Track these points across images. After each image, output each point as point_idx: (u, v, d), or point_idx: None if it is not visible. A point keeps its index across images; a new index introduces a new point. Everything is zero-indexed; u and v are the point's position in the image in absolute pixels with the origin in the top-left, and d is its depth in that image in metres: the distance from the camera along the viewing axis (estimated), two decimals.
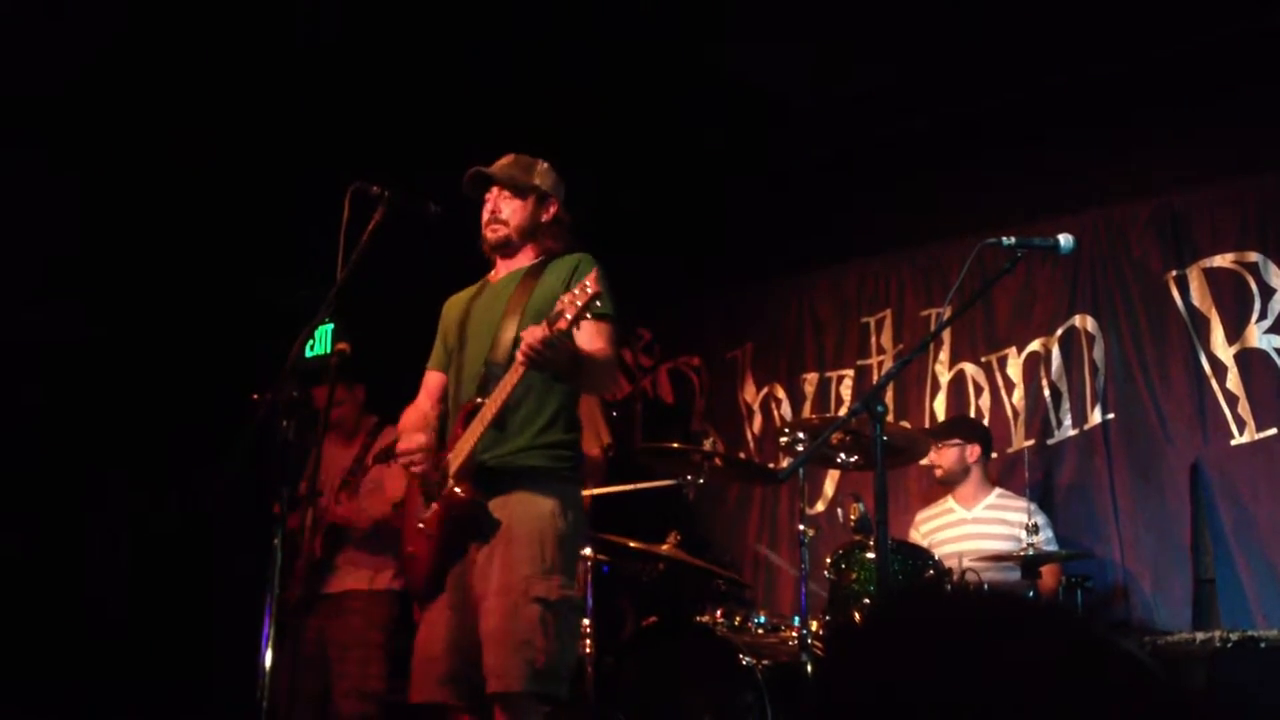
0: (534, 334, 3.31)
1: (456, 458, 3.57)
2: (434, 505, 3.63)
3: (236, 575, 5.73)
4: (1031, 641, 1.29)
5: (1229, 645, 4.35)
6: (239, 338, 6.46)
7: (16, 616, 6.25)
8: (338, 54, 5.84)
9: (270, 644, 3.47)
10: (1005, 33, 5.72)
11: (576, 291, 3.29)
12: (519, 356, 3.35)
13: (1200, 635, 4.54)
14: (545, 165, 3.95)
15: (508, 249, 3.88)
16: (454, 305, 3.99)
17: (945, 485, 5.75)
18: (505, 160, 3.92)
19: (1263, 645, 4.32)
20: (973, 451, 5.71)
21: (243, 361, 5.50)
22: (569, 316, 3.27)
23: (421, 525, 3.66)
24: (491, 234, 3.86)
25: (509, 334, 3.65)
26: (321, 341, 5.95)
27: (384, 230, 3.66)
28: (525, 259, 3.88)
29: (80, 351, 6.68)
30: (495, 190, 3.88)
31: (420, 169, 4.05)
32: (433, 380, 3.96)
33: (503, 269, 3.92)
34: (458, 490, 3.55)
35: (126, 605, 6.61)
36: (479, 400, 3.59)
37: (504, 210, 3.85)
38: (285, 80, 5.92)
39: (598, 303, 3.31)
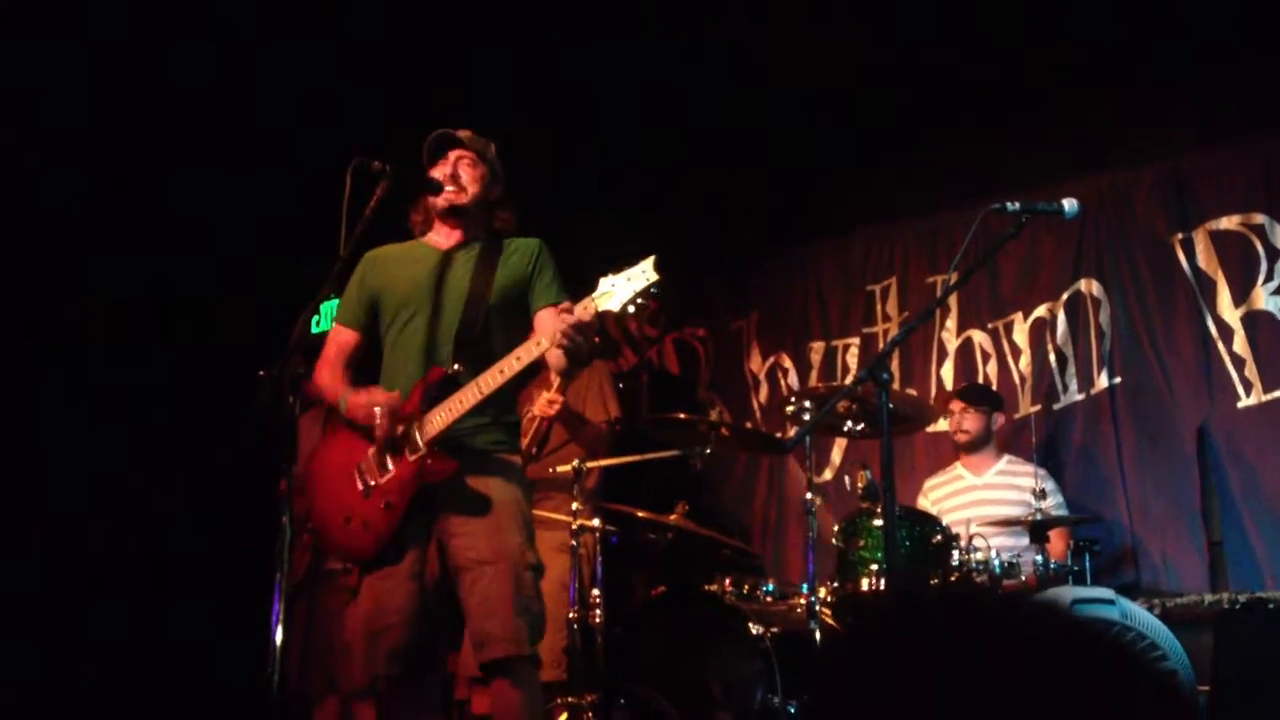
0: (583, 314, 3.30)
1: (434, 426, 3.52)
2: (398, 470, 3.55)
3: (243, 552, 5.74)
4: (1038, 647, 1.29)
5: (1237, 607, 4.36)
6: (244, 315, 6.46)
7: (24, 598, 6.28)
8: (337, 28, 5.82)
9: (280, 621, 3.48)
10: None
11: (630, 276, 3.26)
12: (562, 332, 3.29)
13: (1209, 597, 4.55)
14: (494, 148, 3.94)
15: (460, 216, 3.82)
16: (384, 263, 3.87)
17: (965, 450, 5.73)
18: (465, 132, 3.89)
19: (1271, 606, 4.33)
20: (998, 419, 5.74)
21: (248, 338, 5.50)
22: (622, 299, 3.26)
23: (377, 489, 3.57)
24: (447, 197, 3.79)
25: (479, 308, 3.64)
26: (326, 318, 5.95)
27: (386, 206, 3.65)
28: (473, 233, 3.84)
29: (83, 331, 6.68)
30: (455, 155, 3.83)
31: (420, 145, 4.01)
32: (346, 336, 3.85)
33: (446, 238, 3.85)
34: (430, 460, 3.50)
35: (133, 584, 6.63)
36: (456, 368, 3.55)
37: (464, 176, 3.81)
38: (285, 54, 5.90)
39: (639, 300, 3.29)
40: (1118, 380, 5.79)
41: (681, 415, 5.46)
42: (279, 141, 6.24)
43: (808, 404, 5.11)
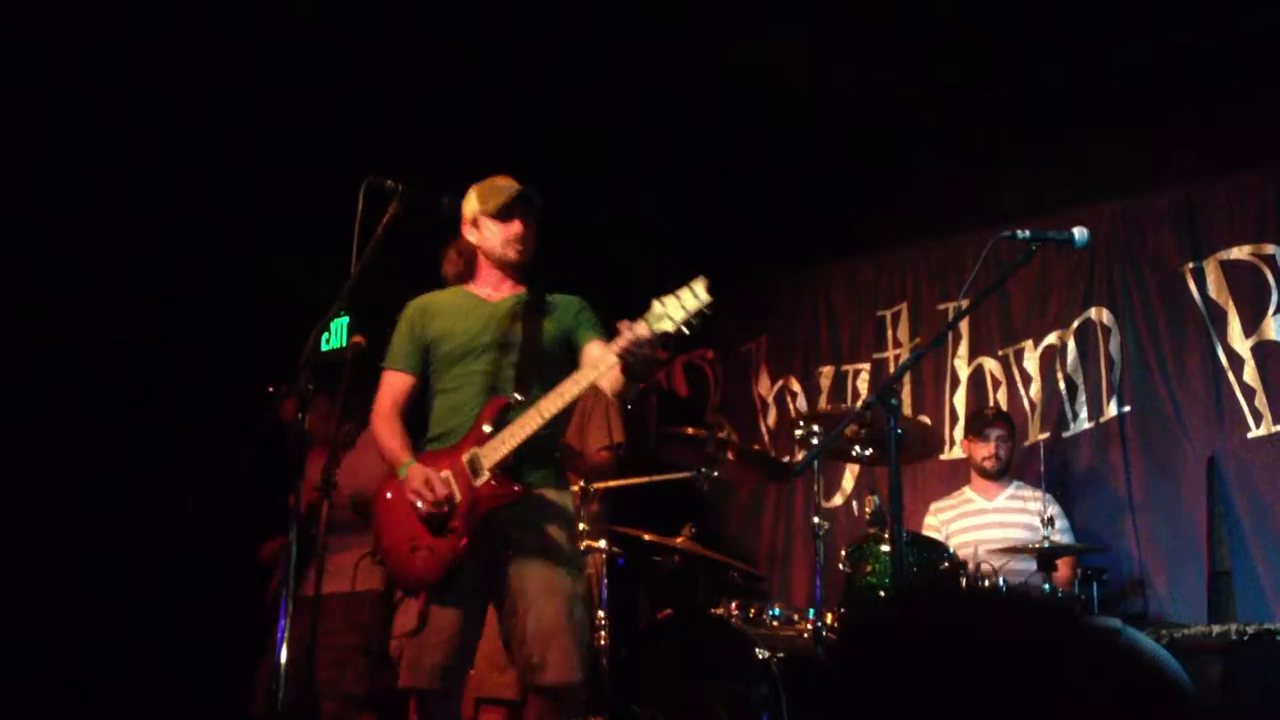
0: (638, 331, 3.38)
1: (498, 452, 3.60)
2: (465, 497, 3.62)
3: (248, 568, 5.75)
4: (1036, 637, 1.29)
5: (1245, 638, 4.34)
6: (254, 332, 6.48)
7: (34, 614, 6.30)
8: (349, 48, 5.84)
9: (286, 638, 3.48)
10: (1020, 24, 5.69)
11: (682, 297, 3.38)
12: (625, 341, 3.38)
13: (1216, 628, 4.53)
14: None
15: (520, 272, 3.95)
16: (434, 312, 3.98)
17: (991, 477, 5.72)
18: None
19: (1278, 638, 4.31)
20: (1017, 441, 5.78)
21: (257, 355, 5.51)
22: (675, 319, 3.37)
23: (447, 517, 3.64)
24: (522, 254, 3.92)
25: (536, 350, 3.77)
26: (337, 335, 5.96)
27: (398, 224, 3.67)
28: (519, 286, 3.97)
29: (92, 348, 6.70)
30: (528, 218, 3.94)
31: (432, 163, 4.04)
32: (399, 382, 3.93)
33: (496, 289, 3.96)
34: (497, 484, 3.59)
35: (140, 600, 6.64)
36: (517, 397, 3.66)
37: (530, 237, 3.94)
38: (296, 72, 5.91)
39: (693, 322, 3.40)
40: (1127, 409, 5.78)
41: (689, 429, 5.43)
42: (290, 159, 6.26)
43: (816, 428, 5.10)
